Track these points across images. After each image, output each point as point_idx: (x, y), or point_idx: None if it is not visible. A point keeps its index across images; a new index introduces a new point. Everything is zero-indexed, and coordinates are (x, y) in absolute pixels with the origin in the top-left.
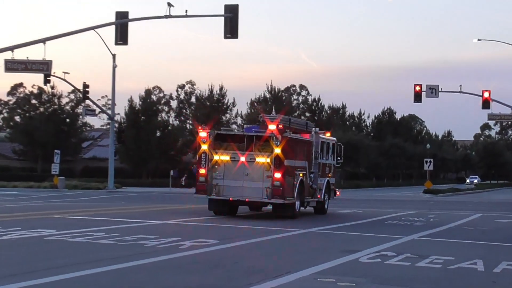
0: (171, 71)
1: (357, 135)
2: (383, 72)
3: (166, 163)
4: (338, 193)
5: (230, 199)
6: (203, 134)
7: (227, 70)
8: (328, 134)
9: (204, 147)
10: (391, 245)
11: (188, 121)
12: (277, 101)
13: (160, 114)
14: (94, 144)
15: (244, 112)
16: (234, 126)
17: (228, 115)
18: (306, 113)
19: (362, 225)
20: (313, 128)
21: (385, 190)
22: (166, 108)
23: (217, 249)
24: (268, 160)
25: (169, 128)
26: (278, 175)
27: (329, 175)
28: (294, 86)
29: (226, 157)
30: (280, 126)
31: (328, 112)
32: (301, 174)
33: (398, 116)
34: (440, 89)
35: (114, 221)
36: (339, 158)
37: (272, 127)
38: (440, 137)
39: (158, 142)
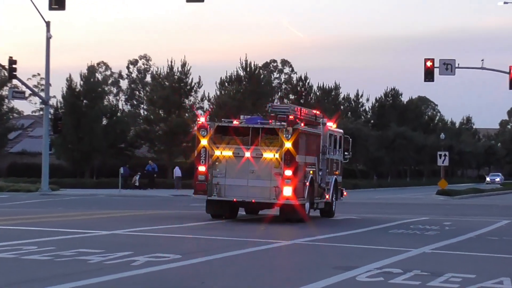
0: (120, 43)
1: (353, 123)
2: (386, 44)
3: (115, 158)
4: (345, 193)
5: (234, 200)
6: (201, 125)
7: (191, 42)
8: (334, 125)
9: (204, 141)
10: (396, 259)
11: (142, 105)
12: (253, 80)
13: (106, 97)
14: (24, 135)
15: (212, 94)
16: (199, 111)
17: (192, 98)
18: (290, 95)
19: (361, 235)
20: (321, 119)
21: (388, 191)
22: (114, 90)
23: (178, 266)
24: (277, 155)
25: (118, 114)
26: (288, 172)
27: (336, 172)
28: (274, 61)
29: (228, 153)
30: (291, 117)
31: (318, 94)
32: (311, 172)
33: (404, 98)
34: (456, 65)
35: (49, 232)
36: (346, 153)
37: (282, 118)
38: (457, 124)
39: (105, 132)
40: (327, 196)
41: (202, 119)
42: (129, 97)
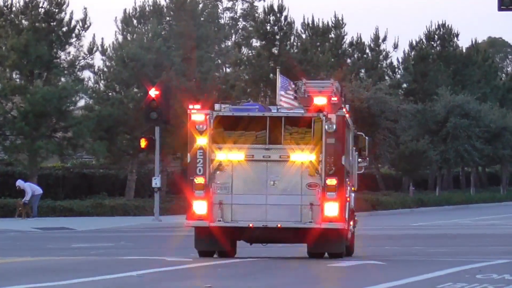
0: None
1: (371, 89)
2: None
3: None
4: (356, 218)
5: (250, 225)
6: (198, 117)
7: None
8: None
9: (202, 140)
10: None
11: None
12: (184, 14)
13: None
14: None
15: (109, 42)
16: (89, 75)
17: (73, 50)
18: (253, 40)
19: None
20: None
21: (436, 213)
22: None
23: None
24: (313, 156)
25: None
26: (332, 181)
27: (354, 188)
28: None
29: (237, 155)
30: (335, 99)
31: (304, 36)
32: (349, 182)
33: (463, 42)
34: None
35: None
36: (361, 158)
37: (320, 101)
38: None
39: None
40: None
41: (196, 107)
42: None
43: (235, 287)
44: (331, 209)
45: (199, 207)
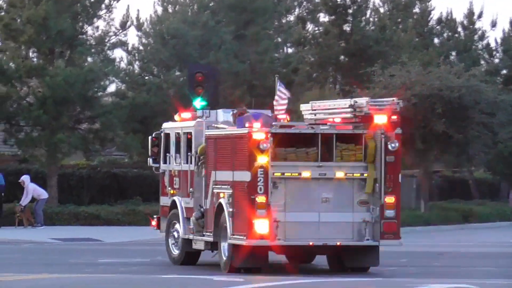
0: None
1: (463, 76)
2: None
3: None
4: None
5: (311, 243)
6: (259, 135)
7: None
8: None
9: (263, 158)
10: None
11: None
12: None
13: None
14: None
15: (145, 16)
16: (122, 55)
17: (98, 23)
18: (320, 14)
19: None
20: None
21: None
22: None
23: None
24: (366, 172)
25: None
26: (391, 199)
27: None
28: None
29: (291, 172)
30: (395, 117)
31: (384, 11)
32: None
33: None
34: None
35: None
36: None
37: (381, 119)
38: None
39: None
40: None
41: (257, 125)
42: None
43: None
44: (390, 226)
45: (261, 226)
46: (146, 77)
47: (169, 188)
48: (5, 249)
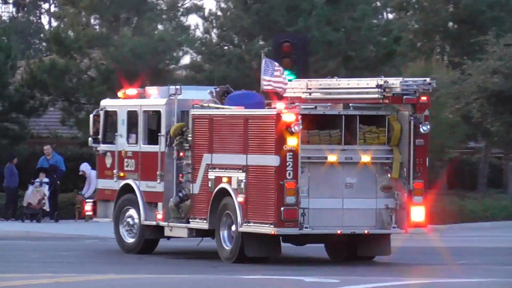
0: None
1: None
2: None
3: None
4: None
5: (339, 232)
6: (290, 117)
7: None
8: None
9: (293, 141)
10: None
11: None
12: None
13: None
14: None
15: None
16: (197, 22)
17: None
18: None
19: None
20: None
21: None
22: None
23: None
24: (391, 156)
25: None
26: (420, 184)
27: None
28: None
29: (318, 156)
30: (424, 97)
31: None
32: None
33: None
34: None
35: None
36: None
37: (410, 100)
38: None
39: None
40: None
41: (281, 106)
42: None
43: None
44: (418, 213)
45: (289, 213)
46: (226, 47)
47: (116, 171)
48: (67, 245)
